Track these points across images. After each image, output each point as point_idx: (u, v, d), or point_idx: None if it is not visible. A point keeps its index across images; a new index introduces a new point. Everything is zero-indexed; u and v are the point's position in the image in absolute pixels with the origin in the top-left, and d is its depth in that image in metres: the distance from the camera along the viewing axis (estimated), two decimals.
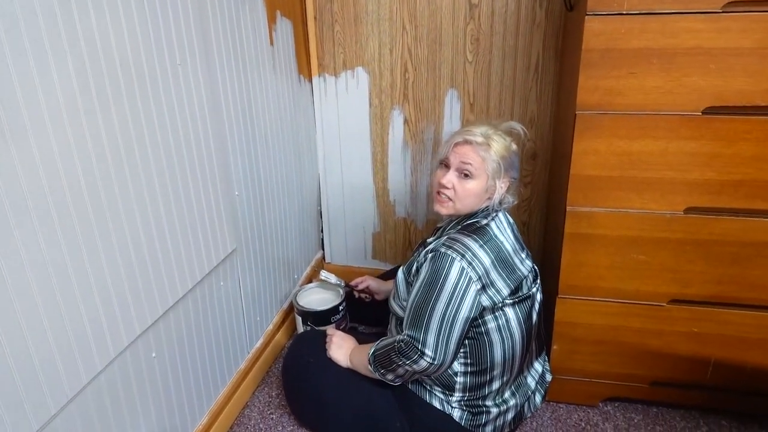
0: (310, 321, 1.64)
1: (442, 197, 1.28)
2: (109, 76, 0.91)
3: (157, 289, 1.09)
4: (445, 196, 1.27)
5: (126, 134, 0.96)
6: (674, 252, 1.29)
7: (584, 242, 1.32)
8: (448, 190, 1.26)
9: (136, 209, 1.01)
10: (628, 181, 1.25)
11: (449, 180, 1.26)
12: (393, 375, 1.25)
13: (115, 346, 0.98)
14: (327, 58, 1.84)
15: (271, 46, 1.53)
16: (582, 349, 1.44)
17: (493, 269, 1.21)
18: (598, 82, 1.18)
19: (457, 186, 1.26)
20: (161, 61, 1.05)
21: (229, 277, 1.40)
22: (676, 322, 1.35)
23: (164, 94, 1.06)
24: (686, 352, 1.38)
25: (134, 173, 0.99)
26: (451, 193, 1.26)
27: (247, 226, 1.47)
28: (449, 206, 1.28)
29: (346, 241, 2.10)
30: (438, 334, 1.16)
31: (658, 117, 1.19)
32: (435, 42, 1.74)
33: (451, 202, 1.27)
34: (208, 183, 1.24)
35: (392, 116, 1.86)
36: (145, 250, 1.04)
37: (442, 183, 1.27)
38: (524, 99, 1.74)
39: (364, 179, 1.98)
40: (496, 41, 1.69)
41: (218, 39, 1.26)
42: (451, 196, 1.27)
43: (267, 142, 1.54)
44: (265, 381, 1.62)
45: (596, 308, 1.38)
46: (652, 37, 1.13)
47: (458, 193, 1.26)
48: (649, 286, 1.33)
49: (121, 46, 0.94)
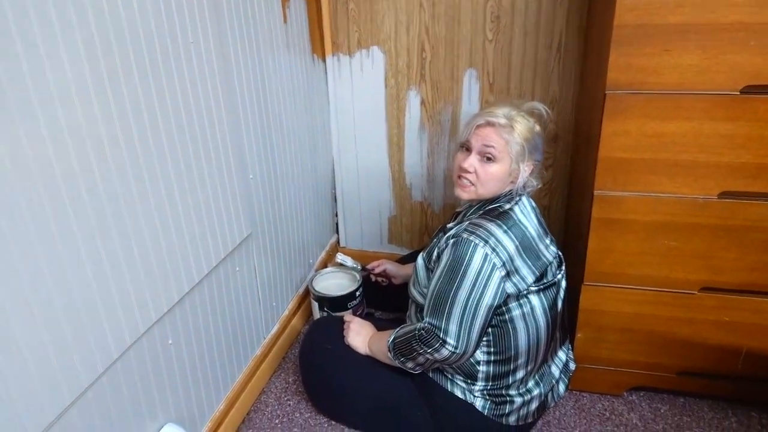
0: (327, 306, 1.61)
1: (463, 182, 1.23)
2: (119, 54, 0.87)
3: (173, 275, 1.05)
4: (466, 180, 1.22)
5: (138, 114, 0.92)
6: (706, 238, 1.23)
7: (612, 228, 1.27)
8: (470, 174, 1.21)
9: (150, 193, 0.97)
10: (659, 164, 1.19)
11: (471, 164, 1.21)
12: (413, 363, 1.21)
13: (130, 334, 0.95)
14: (341, 36, 1.78)
15: (284, 24, 1.48)
16: (607, 338, 1.40)
17: (517, 255, 1.16)
18: (630, 60, 1.13)
19: (479, 170, 1.21)
20: (173, 39, 1.00)
21: (244, 263, 1.37)
22: (707, 310, 1.30)
23: (177, 73, 1.02)
24: (716, 342, 1.34)
25: (147, 156, 0.95)
26: (473, 178, 1.21)
27: (261, 210, 1.43)
28: (471, 191, 1.23)
29: (362, 226, 2.06)
30: (460, 323, 1.13)
31: (693, 97, 1.13)
32: (453, 20, 1.67)
33: (473, 186, 1.22)
34: (222, 166, 1.20)
35: (408, 97, 1.81)
36: (161, 235, 1.01)
37: (464, 167, 1.22)
38: (546, 78, 1.68)
39: (380, 162, 1.93)
40: (517, 18, 1.63)
41: (231, 16, 1.21)
42: (473, 181, 1.22)
43: (281, 123, 1.50)
44: (281, 367, 1.60)
45: (623, 296, 1.33)
46: (689, 11, 1.07)
47: (480, 177, 1.21)
48: (679, 273, 1.28)
49: (132, 22, 0.89)
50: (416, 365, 1.22)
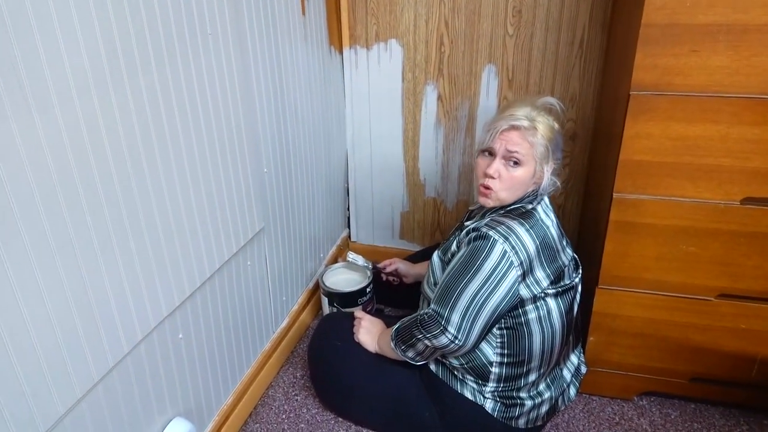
0: (337, 302, 1.60)
1: (487, 188, 1.20)
2: (137, 44, 0.85)
3: (185, 269, 1.05)
4: (490, 186, 1.19)
5: (154, 106, 0.91)
6: (727, 244, 1.21)
7: (630, 231, 1.25)
8: (494, 180, 1.18)
9: (165, 186, 0.96)
10: (682, 168, 1.17)
11: (496, 169, 1.18)
12: (413, 352, 1.20)
13: (142, 328, 0.95)
14: (359, 28, 1.76)
15: (302, 16, 1.46)
16: (620, 342, 1.38)
17: (536, 256, 1.14)
18: (656, 60, 1.10)
19: (505, 175, 1.18)
20: (191, 30, 0.98)
21: (256, 257, 1.36)
22: (724, 317, 1.28)
23: (194, 66, 1.00)
24: (731, 349, 1.31)
25: (162, 148, 0.94)
26: (496, 184, 1.18)
27: (275, 204, 1.42)
28: (494, 197, 1.20)
29: (373, 220, 2.04)
30: (464, 315, 1.11)
31: (721, 99, 1.10)
32: (474, 13, 1.64)
33: (497, 192, 1.19)
34: (237, 159, 1.19)
35: (425, 92, 1.78)
36: (174, 229, 1.00)
37: (488, 173, 1.18)
38: (566, 76, 1.65)
39: (394, 157, 1.91)
40: (539, 13, 1.59)
41: (249, 8, 1.19)
42: (494, 187, 1.19)
43: (297, 116, 1.48)
44: (289, 361, 1.60)
45: (638, 300, 1.31)
46: (720, 11, 1.04)
47: (506, 182, 1.18)
48: (697, 279, 1.25)
49: (151, 12, 0.88)
50: (416, 354, 1.20)
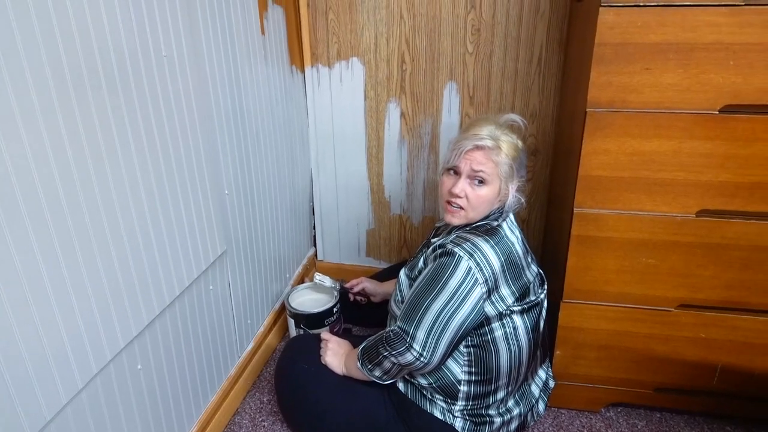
0: (304, 324, 1.57)
1: (453, 207, 1.21)
2: (87, 68, 0.83)
3: (142, 297, 1.01)
4: (456, 205, 1.20)
5: (107, 131, 0.88)
6: (684, 256, 1.24)
7: (591, 245, 1.26)
8: (461, 198, 1.19)
9: (119, 213, 0.93)
10: (639, 183, 1.19)
11: (461, 188, 1.19)
12: (380, 371, 1.19)
13: (97, 361, 0.91)
14: (320, 47, 1.76)
15: (262, 36, 1.45)
16: (586, 354, 1.39)
17: (501, 273, 1.15)
18: (610, 78, 1.12)
19: (470, 194, 1.19)
20: (145, 52, 0.96)
21: (218, 281, 1.33)
22: (684, 327, 1.31)
23: (148, 88, 0.98)
24: (693, 358, 1.34)
25: (116, 174, 0.91)
26: (464, 202, 1.19)
27: (237, 226, 1.39)
28: (461, 215, 1.21)
29: (340, 239, 2.03)
30: (429, 332, 1.11)
31: (673, 115, 1.13)
32: (434, 32, 1.66)
33: (463, 211, 1.20)
34: (196, 182, 1.16)
35: (388, 109, 1.79)
36: (129, 257, 0.97)
37: (455, 192, 1.19)
38: (526, 92, 1.68)
39: (359, 175, 1.91)
40: (497, 31, 1.62)
41: (206, 28, 1.18)
42: (463, 205, 1.20)
43: (258, 136, 1.47)
44: (256, 386, 1.56)
45: (602, 313, 1.33)
46: (670, 31, 1.07)
47: (471, 201, 1.19)
48: (657, 290, 1.28)
49: (101, 35, 0.85)
50: (383, 373, 1.19)
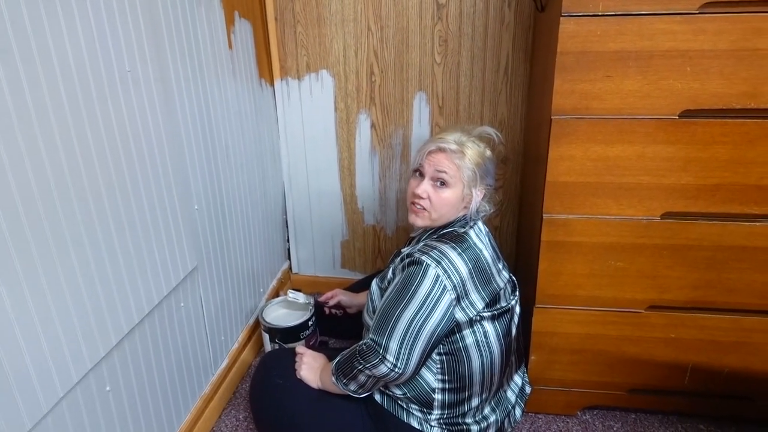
0: (278, 338, 1.56)
1: (416, 207, 1.23)
2: (48, 85, 0.82)
3: (110, 316, 0.99)
4: (420, 206, 1.22)
5: (69, 149, 0.87)
6: (652, 258, 1.26)
7: (561, 250, 1.28)
8: (423, 200, 1.21)
9: (83, 231, 0.91)
10: (604, 187, 1.22)
11: (424, 189, 1.21)
12: (355, 384, 1.18)
13: (63, 384, 0.88)
14: (289, 60, 1.76)
15: (229, 50, 1.45)
16: (560, 359, 1.40)
17: (469, 279, 1.16)
18: (573, 86, 1.15)
19: (433, 195, 1.21)
20: (108, 69, 0.95)
21: (189, 297, 1.31)
22: (654, 328, 1.33)
23: (112, 105, 0.97)
24: (664, 358, 1.36)
25: (80, 192, 0.90)
26: (427, 203, 1.21)
27: (208, 241, 1.38)
28: (425, 216, 1.23)
29: (314, 251, 2.02)
30: (401, 342, 1.11)
31: (634, 121, 1.15)
32: (402, 43, 1.68)
33: (427, 212, 1.22)
34: (164, 199, 1.15)
35: (359, 121, 1.80)
36: (95, 275, 0.95)
37: (417, 193, 1.21)
38: (494, 101, 1.70)
39: (331, 186, 1.91)
40: (464, 42, 1.65)
41: (172, 43, 1.17)
42: (426, 207, 1.21)
43: (228, 150, 1.46)
44: (231, 403, 1.54)
45: (574, 317, 1.34)
46: (628, 39, 1.10)
47: (434, 202, 1.21)
48: (627, 293, 1.30)
49: (62, 51, 0.84)
50: (358, 386, 1.19)
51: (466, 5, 1.60)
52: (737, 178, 1.17)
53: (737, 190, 1.17)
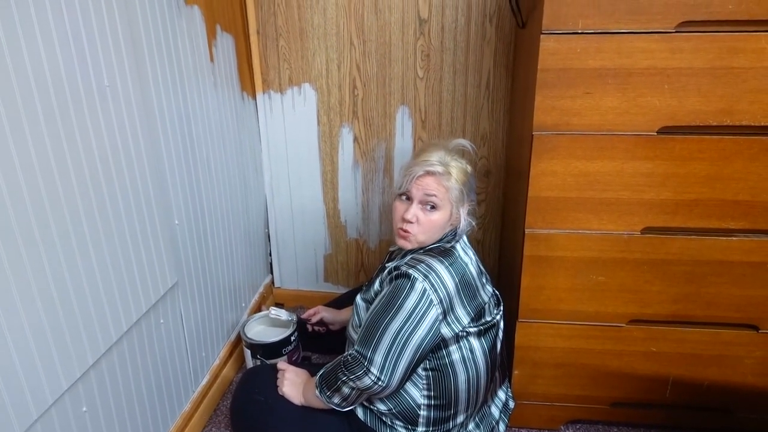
0: (260, 354, 1.54)
1: (405, 232, 1.22)
2: (23, 101, 0.80)
3: (86, 335, 0.97)
4: (408, 230, 1.21)
5: (45, 163, 0.85)
6: (632, 272, 1.27)
7: (544, 265, 1.29)
8: (412, 224, 1.21)
9: (60, 248, 0.89)
10: (585, 202, 1.23)
11: (413, 214, 1.21)
12: (339, 397, 1.17)
13: (37, 406, 0.86)
14: (272, 74, 1.75)
15: (211, 63, 1.44)
16: (543, 373, 1.40)
17: (456, 294, 1.15)
18: (554, 102, 1.16)
19: (422, 219, 1.21)
20: (86, 83, 0.94)
21: (170, 314, 1.29)
22: (635, 342, 1.34)
23: (90, 120, 0.95)
24: (645, 372, 1.37)
25: (56, 209, 0.88)
26: (415, 227, 1.21)
27: (189, 256, 1.36)
28: (413, 240, 1.22)
29: (297, 265, 2.01)
30: (387, 355, 1.10)
31: (614, 137, 1.17)
32: (384, 57, 1.68)
33: (415, 236, 1.22)
34: (144, 214, 1.13)
35: (341, 134, 1.80)
36: (72, 293, 0.93)
37: (406, 218, 1.21)
38: (476, 116, 1.71)
39: (314, 200, 1.90)
40: (446, 57, 1.66)
41: (152, 56, 1.16)
42: (414, 230, 1.21)
43: (209, 165, 1.44)
44: (212, 421, 1.51)
45: (556, 331, 1.35)
46: (607, 56, 1.11)
47: (423, 225, 1.21)
48: (608, 307, 1.31)
49: (36, 62, 0.83)
50: (342, 399, 1.17)
51: (448, 21, 1.61)
52: (714, 193, 1.18)
53: (714, 205, 1.19)
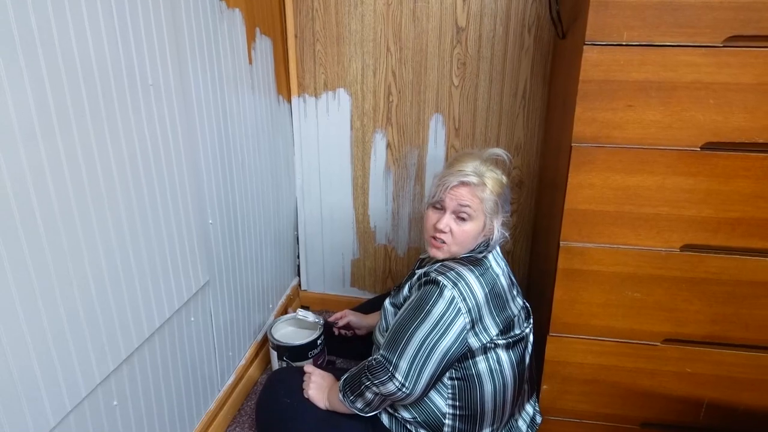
0: (286, 356, 1.54)
1: (437, 242, 1.21)
2: (71, 94, 0.82)
3: (121, 330, 0.98)
4: (441, 240, 1.20)
5: (89, 159, 0.87)
6: (669, 290, 1.24)
7: (577, 279, 1.26)
8: (445, 234, 1.20)
9: (100, 243, 0.91)
10: (623, 217, 1.20)
11: (446, 224, 1.19)
12: (362, 402, 1.17)
13: (71, 398, 0.87)
14: (307, 78, 1.77)
15: (249, 65, 1.45)
16: (572, 389, 1.38)
17: (485, 304, 1.14)
18: (595, 114, 1.14)
19: (455, 229, 1.19)
20: (131, 81, 0.96)
21: (200, 312, 1.30)
22: (670, 361, 1.30)
23: (134, 117, 0.97)
24: (679, 393, 1.33)
25: (98, 203, 0.90)
26: (448, 237, 1.20)
27: (221, 256, 1.37)
28: (445, 250, 1.21)
29: (324, 268, 2.01)
30: (412, 361, 1.09)
31: (655, 152, 1.14)
32: (420, 65, 1.68)
33: (447, 245, 1.21)
34: (180, 212, 1.14)
35: (374, 140, 1.80)
36: (109, 288, 0.94)
37: (439, 228, 1.20)
38: (511, 125, 1.70)
39: (344, 204, 1.90)
40: (483, 66, 1.65)
41: (194, 58, 1.18)
42: (447, 240, 1.20)
43: (243, 165, 1.46)
44: (236, 420, 1.52)
45: (588, 347, 1.32)
46: (651, 69, 1.09)
47: (456, 236, 1.19)
48: (643, 324, 1.28)
49: (86, 61, 0.85)
50: (365, 404, 1.17)
51: (486, 29, 1.60)
52: (758, 212, 1.15)
53: (758, 224, 1.16)
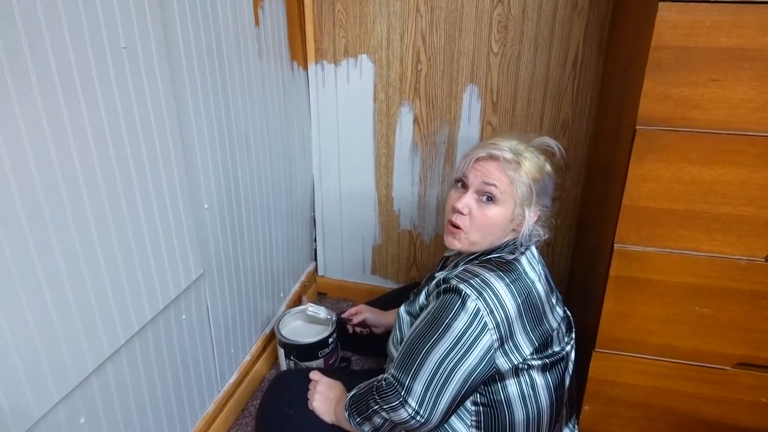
0: (294, 355, 1.39)
1: (454, 227, 1.02)
2: (33, 61, 0.65)
3: (104, 329, 0.83)
4: (458, 224, 1.01)
5: (61, 137, 0.71)
6: (747, 306, 1.03)
7: (633, 288, 1.06)
8: (463, 216, 1.00)
9: (75, 232, 0.77)
10: (695, 217, 0.98)
11: (465, 204, 1.00)
12: (370, 426, 1.00)
13: (39, 406, 0.74)
14: (326, 42, 1.57)
15: (256, 27, 1.26)
16: (619, 413, 1.19)
17: (517, 318, 0.95)
18: (668, 90, 0.91)
19: (476, 212, 1.00)
20: (96, 41, 0.78)
21: (194, 308, 1.15)
22: (742, 389, 1.10)
23: (100, 86, 0.80)
24: (750, 425, 1.13)
25: (72, 189, 0.74)
26: (466, 222, 1.00)
27: (219, 244, 1.22)
28: (462, 238, 1.02)
29: (343, 253, 1.84)
30: (428, 385, 0.91)
31: (744, 138, 0.92)
32: (454, 28, 1.46)
33: (465, 233, 1.01)
34: (165, 198, 0.98)
35: (400, 113, 1.59)
36: (88, 284, 0.81)
37: (457, 207, 1.00)
38: (557, 100, 1.47)
39: (366, 185, 1.71)
40: (527, 29, 1.41)
41: (183, 16, 0.99)
42: (464, 226, 1.00)
43: (247, 142, 1.28)
44: (238, 422, 1.38)
45: (642, 367, 1.12)
46: (746, 33, 0.86)
47: (476, 220, 1.00)
48: (711, 345, 1.07)
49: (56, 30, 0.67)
50: (373, 428, 1.00)
51: None
52: None
53: None
